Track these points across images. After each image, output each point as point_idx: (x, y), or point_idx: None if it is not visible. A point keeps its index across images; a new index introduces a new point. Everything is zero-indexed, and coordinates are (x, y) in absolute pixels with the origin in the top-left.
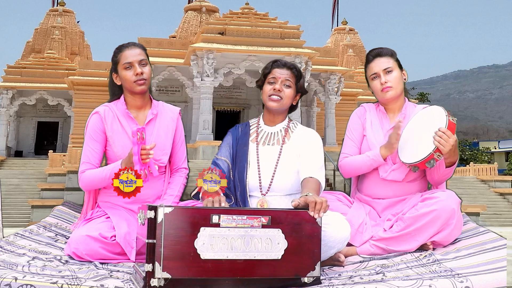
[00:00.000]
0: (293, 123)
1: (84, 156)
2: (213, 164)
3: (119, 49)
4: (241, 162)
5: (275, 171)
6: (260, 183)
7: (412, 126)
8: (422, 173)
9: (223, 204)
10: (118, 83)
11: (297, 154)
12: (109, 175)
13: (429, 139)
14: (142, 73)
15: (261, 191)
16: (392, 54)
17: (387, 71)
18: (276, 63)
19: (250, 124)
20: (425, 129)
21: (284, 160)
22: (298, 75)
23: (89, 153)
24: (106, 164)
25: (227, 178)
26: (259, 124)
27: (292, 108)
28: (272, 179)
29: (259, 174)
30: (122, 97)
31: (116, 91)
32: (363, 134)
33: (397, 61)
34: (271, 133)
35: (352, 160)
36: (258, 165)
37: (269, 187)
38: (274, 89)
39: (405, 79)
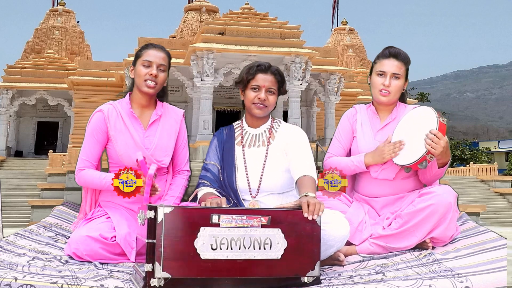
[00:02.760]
0: (276, 121)
1: (83, 153)
2: (203, 169)
3: (146, 46)
4: (228, 166)
5: (262, 172)
6: (249, 186)
7: (403, 127)
8: (415, 171)
9: (223, 206)
10: (132, 76)
11: (284, 153)
12: (108, 185)
13: (421, 141)
14: (156, 76)
15: (251, 194)
16: (407, 62)
17: (395, 76)
18: (259, 68)
19: (234, 127)
20: (416, 130)
21: (271, 161)
22: (281, 80)
23: (88, 151)
24: (108, 162)
25: (219, 181)
26: (242, 127)
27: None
28: (260, 181)
29: (247, 177)
30: (127, 96)
31: (132, 87)
32: (352, 136)
33: (407, 70)
34: (256, 134)
35: (336, 161)
36: (246, 169)
37: (258, 189)
38: (260, 98)
39: (403, 90)
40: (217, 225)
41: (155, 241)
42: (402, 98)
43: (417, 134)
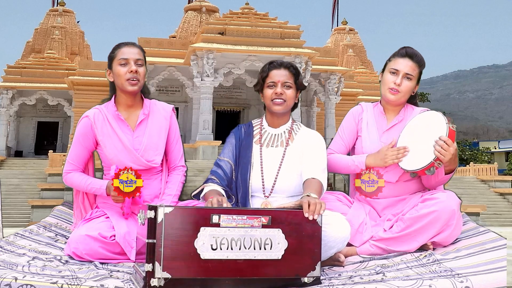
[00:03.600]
0: (296, 124)
1: (70, 156)
2: (215, 165)
3: (118, 46)
4: (244, 164)
5: (278, 173)
6: (263, 185)
7: (410, 130)
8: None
9: (224, 205)
10: (111, 79)
11: (301, 156)
12: (93, 191)
13: (429, 147)
14: (136, 72)
15: (264, 193)
16: (422, 65)
17: (407, 77)
18: (272, 65)
19: (253, 125)
20: (425, 135)
21: (287, 162)
22: (296, 73)
23: (74, 156)
24: (101, 166)
25: (230, 179)
26: (262, 126)
27: (293, 106)
28: (275, 181)
29: (262, 176)
30: (112, 99)
31: (114, 91)
32: (356, 135)
33: (420, 74)
34: (275, 134)
35: (337, 158)
36: (262, 167)
37: (272, 189)
38: (276, 93)
39: (413, 92)
40: (217, 225)
41: (155, 241)
42: (413, 101)
43: (425, 140)
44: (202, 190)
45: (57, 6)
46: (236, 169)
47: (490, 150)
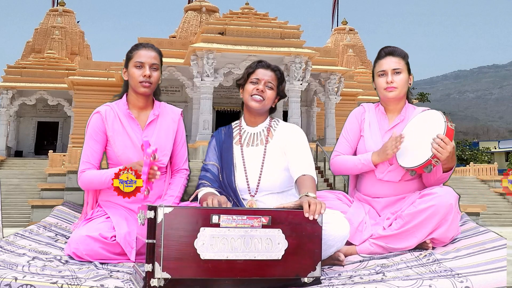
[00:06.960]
0: (274, 120)
1: (84, 155)
2: (202, 170)
3: (136, 47)
4: (227, 166)
5: (261, 171)
6: (248, 185)
7: (410, 129)
8: (420, 173)
9: (224, 205)
10: (125, 78)
11: (283, 152)
12: (109, 180)
13: (427, 145)
14: (150, 76)
15: (250, 193)
16: (404, 56)
17: (396, 71)
18: (260, 64)
19: (233, 126)
20: (424, 134)
21: (269, 160)
22: (280, 78)
23: (89, 153)
24: (107, 164)
25: (218, 181)
26: (241, 126)
27: (271, 110)
28: (259, 180)
29: (246, 176)
30: (124, 97)
31: (126, 89)
32: (359, 135)
33: (407, 64)
34: (254, 133)
35: (344, 159)
36: (245, 167)
37: (257, 188)
38: (257, 89)
39: (410, 84)
40: (217, 225)
41: (155, 241)
42: (407, 97)
43: (424, 138)
44: (197, 196)
45: (57, 6)
46: (222, 172)
47: (490, 150)
